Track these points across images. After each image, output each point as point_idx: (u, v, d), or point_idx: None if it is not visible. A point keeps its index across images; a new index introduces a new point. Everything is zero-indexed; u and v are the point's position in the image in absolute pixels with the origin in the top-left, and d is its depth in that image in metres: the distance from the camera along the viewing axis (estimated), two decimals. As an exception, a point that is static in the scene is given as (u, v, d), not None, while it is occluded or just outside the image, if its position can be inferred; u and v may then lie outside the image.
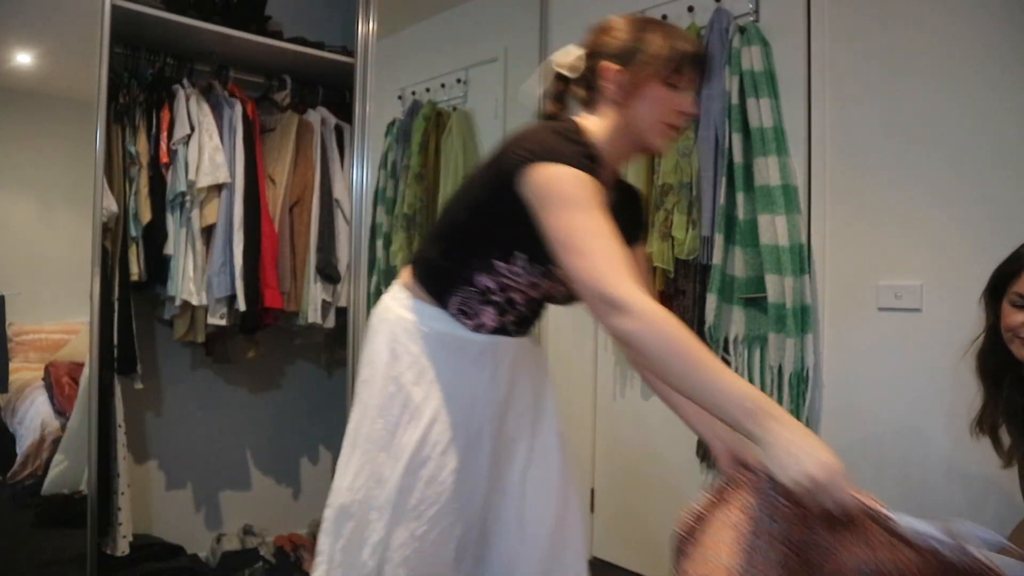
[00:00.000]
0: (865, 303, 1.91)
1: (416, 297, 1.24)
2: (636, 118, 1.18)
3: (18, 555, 2.03)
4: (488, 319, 1.23)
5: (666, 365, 0.92)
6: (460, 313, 1.22)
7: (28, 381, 2.15)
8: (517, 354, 1.29)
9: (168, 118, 2.14)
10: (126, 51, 2.17)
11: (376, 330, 1.27)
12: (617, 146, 1.21)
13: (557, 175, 1.03)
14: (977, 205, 1.73)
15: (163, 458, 2.43)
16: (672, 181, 2.17)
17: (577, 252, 0.98)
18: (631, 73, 1.17)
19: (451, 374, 1.21)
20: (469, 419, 1.21)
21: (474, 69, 2.95)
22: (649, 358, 0.93)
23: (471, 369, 1.23)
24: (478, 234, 1.18)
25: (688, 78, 1.18)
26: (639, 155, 1.28)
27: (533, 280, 1.20)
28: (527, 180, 1.05)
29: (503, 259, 1.17)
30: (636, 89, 1.16)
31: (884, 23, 1.89)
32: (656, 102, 1.17)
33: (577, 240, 0.99)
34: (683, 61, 1.17)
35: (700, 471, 2.24)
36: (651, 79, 1.16)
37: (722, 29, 2.13)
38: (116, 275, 2.06)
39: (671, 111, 1.18)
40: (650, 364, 0.94)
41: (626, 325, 0.93)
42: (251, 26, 2.29)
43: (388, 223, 3.03)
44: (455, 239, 1.22)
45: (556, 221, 1.01)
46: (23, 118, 2.08)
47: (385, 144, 3.07)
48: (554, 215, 1.02)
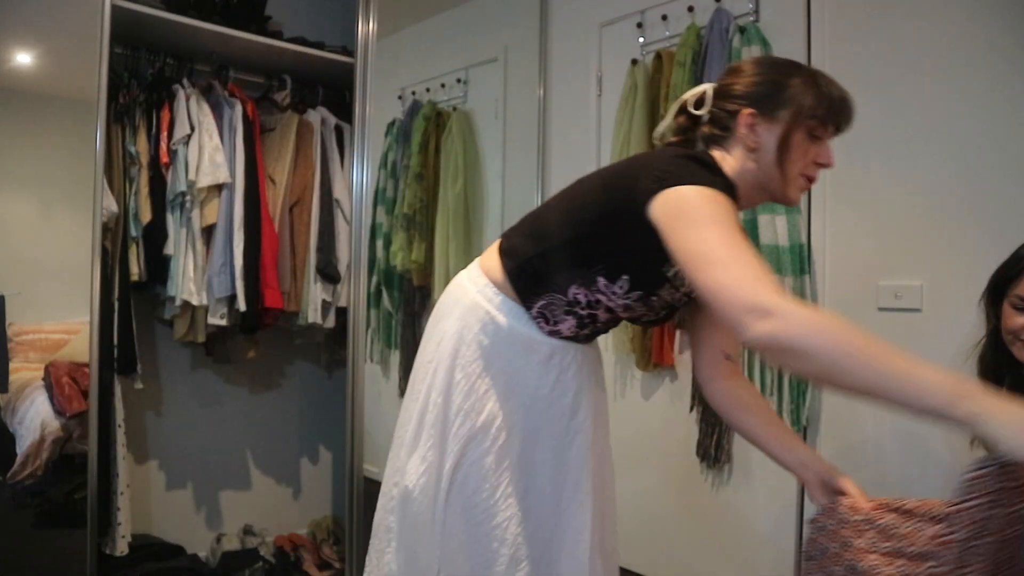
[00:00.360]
0: (865, 303, 1.91)
1: (500, 290, 1.20)
2: (770, 167, 1.12)
3: (18, 555, 2.03)
4: (565, 328, 1.20)
5: (837, 365, 0.85)
6: (540, 316, 1.19)
7: (28, 381, 2.15)
8: (583, 360, 1.25)
9: (168, 118, 2.14)
10: (126, 51, 2.17)
11: (448, 312, 1.23)
12: (746, 191, 1.15)
13: (694, 194, 0.99)
14: (977, 205, 1.73)
15: (163, 458, 2.43)
16: (672, 181, 2.17)
17: (716, 264, 0.93)
18: (770, 121, 1.11)
19: (517, 372, 1.19)
20: (526, 419, 1.19)
21: (474, 69, 2.95)
22: (813, 361, 0.86)
23: (537, 369, 1.20)
24: (588, 248, 1.13)
25: (831, 129, 1.12)
26: (768, 202, 1.22)
27: (628, 303, 1.16)
28: (660, 202, 1.00)
29: (607, 277, 1.13)
30: (773, 138, 1.10)
31: (884, 23, 1.90)
32: (794, 153, 1.11)
33: (715, 253, 0.93)
34: (829, 111, 1.11)
35: (700, 471, 2.24)
36: (792, 130, 1.10)
37: (722, 29, 2.13)
38: (116, 275, 2.06)
39: (809, 163, 1.12)
40: (813, 369, 0.87)
41: (780, 329, 0.86)
42: (251, 26, 2.29)
43: (388, 223, 3.04)
44: (560, 246, 1.15)
45: (692, 236, 0.96)
46: (23, 118, 2.08)
47: (385, 144, 3.07)
48: (690, 232, 0.97)
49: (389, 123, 3.10)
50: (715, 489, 2.22)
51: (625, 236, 1.07)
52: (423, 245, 2.92)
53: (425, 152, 2.94)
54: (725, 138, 1.16)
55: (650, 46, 2.39)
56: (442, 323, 1.23)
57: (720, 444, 2.16)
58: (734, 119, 1.13)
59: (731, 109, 1.14)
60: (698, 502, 2.25)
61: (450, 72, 2.99)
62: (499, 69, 2.88)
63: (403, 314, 3.11)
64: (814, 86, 1.12)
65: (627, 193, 1.06)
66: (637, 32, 2.43)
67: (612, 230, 1.10)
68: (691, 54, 2.18)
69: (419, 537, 1.17)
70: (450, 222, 2.86)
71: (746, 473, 2.14)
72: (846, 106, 1.14)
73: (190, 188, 2.15)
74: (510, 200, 2.88)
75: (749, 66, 1.17)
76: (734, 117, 1.13)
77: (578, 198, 1.18)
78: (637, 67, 2.35)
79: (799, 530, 2.02)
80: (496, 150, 2.89)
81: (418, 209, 2.92)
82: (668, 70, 2.25)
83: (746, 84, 1.14)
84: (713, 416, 2.17)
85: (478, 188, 2.92)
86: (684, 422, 2.27)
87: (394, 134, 3.09)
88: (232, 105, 2.28)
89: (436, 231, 2.91)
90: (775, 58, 1.21)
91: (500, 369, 1.18)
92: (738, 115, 1.13)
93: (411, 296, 3.04)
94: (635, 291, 1.13)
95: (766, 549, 2.09)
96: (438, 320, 1.25)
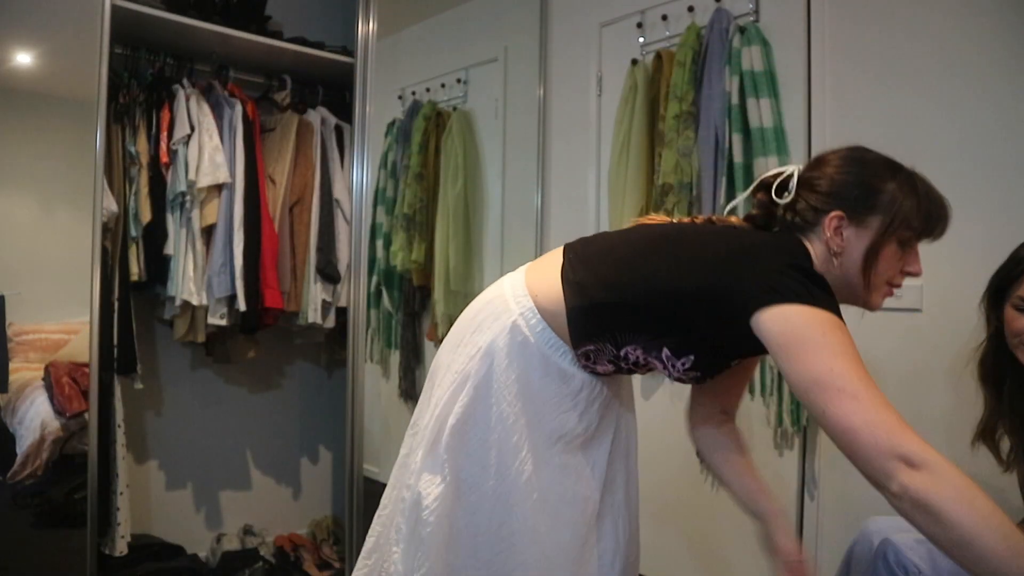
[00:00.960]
0: (865, 303, 1.91)
1: (543, 317, 1.13)
2: (854, 274, 1.06)
3: (18, 555, 2.03)
4: (602, 369, 1.15)
5: (975, 544, 0.79)
6: (583, 356, 1.13)
7: (28, 381, 2.15)
8: (613, 391, 1.22)
9: (168, 118, 2.14)
10: (126, 51, 2.17)
11: (485, 326, 1.16)
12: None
13: (816, 319, 0.93)
14: (977, 205, 1.73)
15: (163, 458, 2.43)
16: (672, 181, 2.17)
17: (850, 400, 0.89)
18: (858, 226, 1.05)
19: (546, 402, 1.14)
20: (552, 448, 1.15)
21: (474, 69, 2.95)
22: (952, 531, 0.81)
23: (567, 403, 1.15)
24: (666, 319, 1.06)
25: (926, 239, 1.07)
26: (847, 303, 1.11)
27: (680, 377, 1.11)
28: (774, 319, 0.94)
29: (673, 351, 1.07)
30: (861, 245, 1.04)
31: (884, 23, 1.90)
32: (882, 264, 1.05)
33: (849, 387, 0.89)
34: (927, 222, 1.06)
35: (700, 471, 2.24)
36: (883, 240, 1.04)
37: (722, 29, 2.13)
38: (116, 275, 2.06)
39: (897, 272, 1.07)
40: (945, 537, 0.82)
41: (930, 487, 0.82)
42: (251, 26, 2.29)
43: (388, 223, 3.04)
44: (636, 306, 1.07)
45: (817, 365, 0.91)
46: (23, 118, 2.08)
47: (385, 144, 3.07)
48: (814, 359, 0.91)
49: (389, 123, 3.10)
50: (715, 489, 2.22)
51: (712, 325, 1.02)
52: (423, 245, 2.92)
53: (425, 152, 2.94)
54: (807, 229, 1.09)
55: (650, 46, 2.39)
56: (479, 336, 1.16)
57: (720, 444, 2.16)
58: (819, 216, 1.06)
59: (816, 206, 1.07)
60: (698, 502, 2.25)
61: (450, 72, 2.99)
62: (499, 69, 2.88)
63: (403, 314, 3.11)
64: (912, 194, 1.05)
65: (728, 287, 1.00)
66: (637, 32, 2.43)
67: (700, 314, 1.03)
68: (691, 54, 2.18)
69: (427, 551, 1.12)
70: (450, 222, 2.86)
71: (746, 473, 2.14)
72: (945, 215, 1.07)
73: (190, 188, 2.15)
74: (510, 200, 2.88)
75: (838, 161, 1.09)
76: (819, 215, 1.06)
77: (671, 261, 1.07)
78: (637, 67, 2.35)
79: (799, 530, 2.02)
80: (496, 150, 2.89)
81: (418, 209, 2.92)
82: (668, 70, 2.25)
83: (835, 182, 1.06)
84: (713, 416, 2.17)
85: (478, 188, 2.92)
86: (684, 422, 2.27)
87: (394, 134, 3.09)
88: (232, 105, 2.28)
89: (436, 231, 2.91)
90: (868, 155, 1.10)
91: (530, 398, 1.13)
92: (824, 215, 1.06)
93: (411, 296, 3.04)
94: (694, 370, 1.09)
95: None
96: (474, 330, 1.18)
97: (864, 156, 1.10)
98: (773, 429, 2.05)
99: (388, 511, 1.24)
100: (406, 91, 3.11)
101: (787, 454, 2.04)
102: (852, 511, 1.89)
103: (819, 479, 1.98)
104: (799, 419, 1.97)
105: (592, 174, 2.56)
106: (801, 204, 1.09)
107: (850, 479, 1.93)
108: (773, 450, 2.07)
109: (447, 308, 2.89)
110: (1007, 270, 1.30)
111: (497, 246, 2.90)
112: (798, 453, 2.02)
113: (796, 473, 2.02)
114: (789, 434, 2.03)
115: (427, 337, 3.07)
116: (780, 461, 2.05)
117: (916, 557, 1.20)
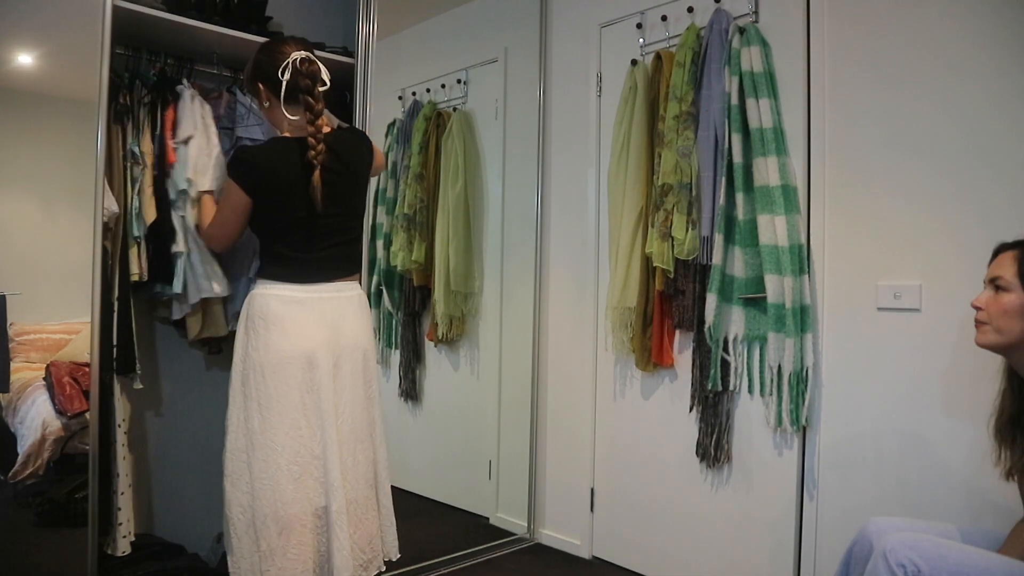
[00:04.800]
0: (864, 303, 1.91)
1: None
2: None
3: (18, 555, 2.04)
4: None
5: None
6: None
7: (29, 381, 2.15)
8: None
9: (172, 118, 2.14)
10: (126, 52, 2.17)
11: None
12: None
13: None
14: (976, 205, 1.74)
15: (164, 458, 2.43)
16: (672, 181, 2.18)
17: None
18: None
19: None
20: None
21: (474, 69, 2.95)
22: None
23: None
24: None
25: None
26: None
27: None
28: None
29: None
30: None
31: (883, 24, 1.90)
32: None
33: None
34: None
35: (699, 471, 2.24)
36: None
37: (722, 29, 2.14)
38: (116, 275, 2.06)
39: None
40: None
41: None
42: (251, 26, 2.28)
43: (388, 223, 3.04)
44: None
45: None
46: (24, 118, 2.08)
47: (385, 144, 3.08)
48: None
49: (389, 123, 3.10)
50: (715, 489, 2.22)
51: None
52: (423, 245, 2.92)
53: (425, 152, 2.94)
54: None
55: (650, 47, 2.40)
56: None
57: (720, 444, 2.16)
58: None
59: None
60: (698, 502, 2.25)
61: (450, 72, 3.00)
62: (499, 69, 2.89)
63: (403, 314, 3.11)
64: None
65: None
66: (637, 33, 2.43)
67: None
68: (691, 55, 2.18)
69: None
70: (450, 222, 2.86)
71: (746, 473, 2.14)
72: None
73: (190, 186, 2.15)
74: (510, 200, 2.88)
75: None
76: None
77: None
78: (637, 67, 2.36)
79: (798, 530, 2.02)
80: (496, 150, 2.89)
81: (418, 209, 2.92)
82: (668, 70, 2.25)
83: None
84: (713, 416, 2.18)
85: (478, 188, 2.92)
86: (684, 422, 2.28)
87: (394, 134, 3.09)
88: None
89: (436, 231, 2.92)
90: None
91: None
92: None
93: (411, 296, 3.05)
94: None
95: (765, 549, 2.09)
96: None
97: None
98: (773, 429, 2.05)
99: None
100: (406, 91, 3.11)
101: (787, 454, 2.04)
102: (852, 511, 1.89)
103: (819, 479, 1.98)
104: (799, 419, 1.97)
105: (592, 174, 2.56)
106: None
107: (850, 479, 1.94)
108: (773, 450, 2.07)
109: (447, 308, 2.89)
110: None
111: (497, 246, 2.91)
112: (798, 453, 2.02)
113: (796, 473, 2.02)
114: (789, 434, 2.03)
115: (427, 337, 3.07)
116: (780, 461, 2.06)
117: (916, 556, 1.20)
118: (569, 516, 2.65)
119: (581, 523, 2.59)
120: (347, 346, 1.79)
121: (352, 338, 1.81)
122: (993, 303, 1.33)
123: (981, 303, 1.35)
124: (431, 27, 3.08)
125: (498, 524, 2.84)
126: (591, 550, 2.57)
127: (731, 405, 2.17)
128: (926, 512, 1.72)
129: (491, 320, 2.92)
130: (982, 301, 1.35)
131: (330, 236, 1.82)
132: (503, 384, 2.89)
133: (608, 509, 2.52)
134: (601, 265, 2.53)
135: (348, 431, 1.76)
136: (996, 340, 1.32)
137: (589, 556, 2.57)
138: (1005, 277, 1.31)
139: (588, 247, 2.58)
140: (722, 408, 2.17)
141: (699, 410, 2.22)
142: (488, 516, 2.89)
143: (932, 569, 1.19)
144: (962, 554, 1.21)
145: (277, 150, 1.79)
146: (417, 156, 2.93)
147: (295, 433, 1.68)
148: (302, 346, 1.71)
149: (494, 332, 2.91)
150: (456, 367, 3.03)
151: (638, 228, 2.30)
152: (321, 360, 1.72)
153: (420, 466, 3.12)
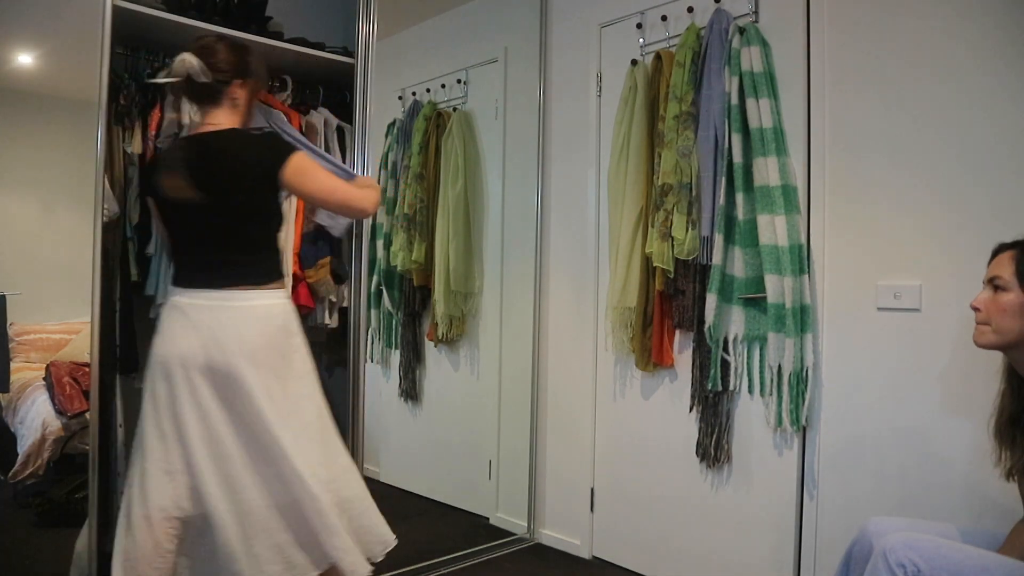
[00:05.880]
0: (864, 303, 1.91)
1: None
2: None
3: (18, 555, 2.04)
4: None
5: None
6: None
7: (29, 381, 2.16)
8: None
9: (158, 117, 2.13)
10: (126, 52, 2.17)
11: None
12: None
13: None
14: (976, 205, 1.74)
15: (164, 458, 2.43)
16: (672, 181, 2.18)
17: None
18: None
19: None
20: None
21: (474, 69, 2.95)
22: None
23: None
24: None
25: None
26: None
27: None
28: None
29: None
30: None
31: (883, 24, 1.90)
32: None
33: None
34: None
35: (699, 471, 2.24)
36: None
37: (722, 29, 2.13)
38: (117, 275, 2.06)
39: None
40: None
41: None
42: (251, 26, 2.28)
43: (388, 223, 3.04)
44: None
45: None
46: (25, 119, 2.08)
47: (385, 145, 3.08)
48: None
49: (390, 123, 3.10)
50: (715, 489, 2.22)
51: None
52: (423, 245, 2.93)
53: (425, 152, 2.94)
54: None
55: (650, 47, 2.40)
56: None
57: (720, 444, 2.16)
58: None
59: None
60: (698, 502, 2.25)
61: (450, 73, 3.00)
62: (499, 69, 2.89)
63: (403, 314, 3.11)
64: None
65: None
66: (637, 33, 2.43)
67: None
68: (691, 54, 2.18)
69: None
70: (450, 222, 2.87)
71: (746, 473, 2.14)
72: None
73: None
74: (510, 200, 2.88)
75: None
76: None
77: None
78: (637, 68, 2.36)
79: (798, 530, 2.02)
80: (496, 150, 2.89)
81: (418, 209, 2.92)
82: (668, 70, 2.25)
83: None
84: (713, 416, 2.18)
85: (478, 188, 2.92)
86: (684, 422, 2.28)
87: (394, 134, 3.09)
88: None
89: (436, 231, 2.92)
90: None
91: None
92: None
93: (411, 296, 3.05)
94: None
95: (765, 549, 2.09)
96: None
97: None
98: (773, 429, 2.05)
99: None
100: (406, 91, 3.11)
101: (787, 454, 2.04)
102: (852, 511, 1.89)
103: (819, 479, 1.98)
104: (799, 417, 1.97)
105: (592, 174, 2.56)
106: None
107: (850, 479, 1.94)
108: (773, 450, 2.07)
109: (447, 308, 2.90)
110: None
111: (497, 246, 2.91)
112: (798, 453, 2.02)
113: (796, 473, 2.02)
114: (789, 434, 2.03)
115: (427, 337, 3.07)
116: (780, 461, 2.06)
117: (916, 556, 1.20)
118: (569, 516, 2.65)
119: (581, 523, 2.59)
120: (222, 360, 1.62)
121: (235, 349, 1.63)
122: (992, 303, 1.33)
123: (980, 303, 1.35)
124: (431, 27, 3.08)
125: (498, 524, 2.84)
126: (591, 550, 2.57)
127: (731, 405, 2.17)
128: (926, 512, 1.72)
129: (491, 320, 2.92)
130: (981, 301, 1.35)
131: (210, 242, 1.70)
132: (503, 384, 2.89)
133: (608, 509, 2.52)
134: (601, 265, 2.53)
135: (231, 444, 1.63)
136: (995, 340, 1.32)
137: (589, 556, 2.57)
138: (1004, 277, 1.31)
139: (588, 247, 2.58)
140: (722, 408, 2.17)
141: (699, 410, 2.22)
142: (488, 516, 2.89)
143: (932, 569, 1.19)
144: (962, 554, 1.21)
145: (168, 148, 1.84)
146: (417, 156, 2.93)
147: (158, 435, 1.64)
148: (162, 351, 1.64)
149: (494, 332, 2.91)
150: (456, 367, 3.03)
151: (638, 228, 2.30)
152: (177, 368, 1.62)
153: (420, 466, 3.12)
